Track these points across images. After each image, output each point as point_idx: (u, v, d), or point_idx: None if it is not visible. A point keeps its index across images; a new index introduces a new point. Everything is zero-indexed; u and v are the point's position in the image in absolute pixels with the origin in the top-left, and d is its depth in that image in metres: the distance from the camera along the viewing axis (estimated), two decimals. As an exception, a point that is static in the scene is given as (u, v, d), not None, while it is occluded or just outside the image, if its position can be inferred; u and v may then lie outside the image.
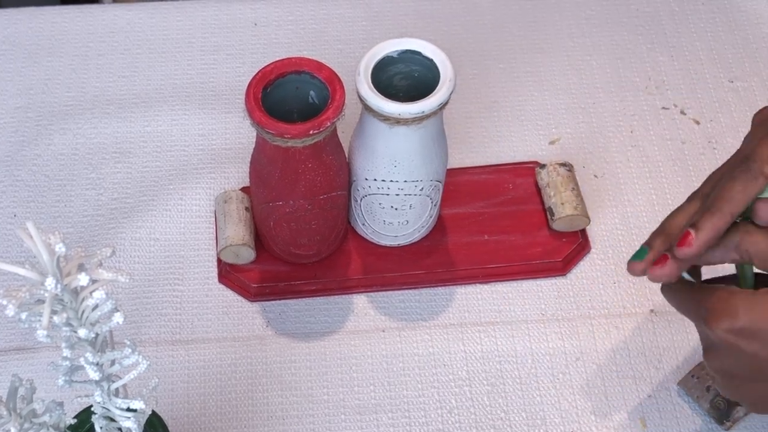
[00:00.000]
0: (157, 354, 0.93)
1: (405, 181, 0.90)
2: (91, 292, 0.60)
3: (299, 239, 0.94)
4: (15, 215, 1.01)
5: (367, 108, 0.85)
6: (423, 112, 0.83)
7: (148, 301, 0.96)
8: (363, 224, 0.97)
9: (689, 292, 0.77)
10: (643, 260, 0.78)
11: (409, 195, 0.92)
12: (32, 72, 1.12)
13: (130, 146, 1.06)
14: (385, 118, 0.84)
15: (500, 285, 0.97)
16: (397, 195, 0.91)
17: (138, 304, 0.96)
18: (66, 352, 0.63)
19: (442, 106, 0.84)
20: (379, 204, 0.93)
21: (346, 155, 0.92)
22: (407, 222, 0.95)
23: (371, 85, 0.84)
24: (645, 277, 0.97)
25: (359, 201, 0.94)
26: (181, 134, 1.07)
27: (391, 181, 0.90)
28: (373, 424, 0.90)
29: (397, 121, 0.84)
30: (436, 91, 0.84)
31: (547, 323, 0.95)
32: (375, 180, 0.90)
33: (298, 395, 0.91)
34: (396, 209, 0.93)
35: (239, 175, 1.03)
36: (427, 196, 0.93)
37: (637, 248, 0.79)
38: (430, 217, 0.96)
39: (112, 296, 0.61)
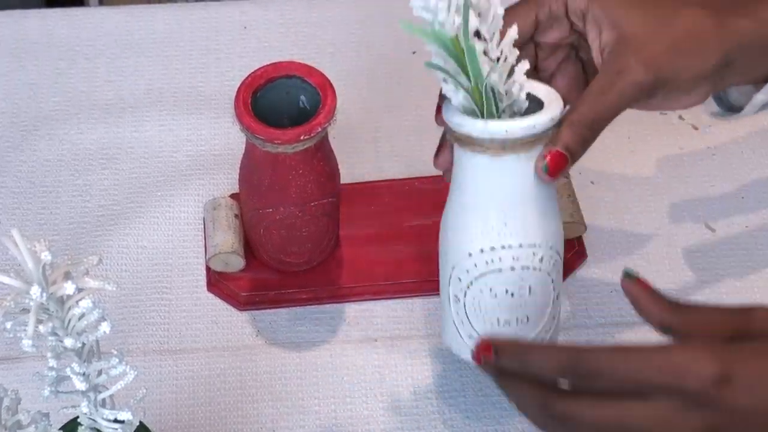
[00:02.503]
0: (144, 364, 0.93)
1: (520, 246, 0.76)
2: (77, 301, 0.60)
3: (290, 247, 0.94)
4: (0, 223, 1.02)
5: (461, 141, 0.74)
6: (534, 126, 0.73)
7: (136, 310, 0.96)
8: (469, 337, 0.80)
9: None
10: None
11: (528, 269, 0.77)
12: (17, 76, 1.12)
13: (117, 152, 1.06)
14: (488, 147, 0.73)
15: (495, 293, 0.98)
16: (513, 269, 0.76)
17: (125, 313, 0.96)
18: (52, 362, 0.63)
19: (555, 122, 0.75)
20: (490, 291, 0.77)
21: (440, 238, 0.81)
22: (527, 318, 0.79)
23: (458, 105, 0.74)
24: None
25: (462, 299, 0.79)
26: (169, 140, 1.07)
27: (503, 247, 0.76)
28: (365, 436, 0.90)
29: (503, 146, 0.73)
30: (547, 105, 0.75)
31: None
32: (482, 251, 0.76)
33: (288, 406, 0.91)
34: (513, 296, 0.77)
35: (228, 182, 1.03)
36: (548, 273, 0.78)
37: (635, 259, 0.79)
38: (555, 316, 0.81)
39: (99, 305, 0.61)
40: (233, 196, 0.99)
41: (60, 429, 0.74)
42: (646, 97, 0.77)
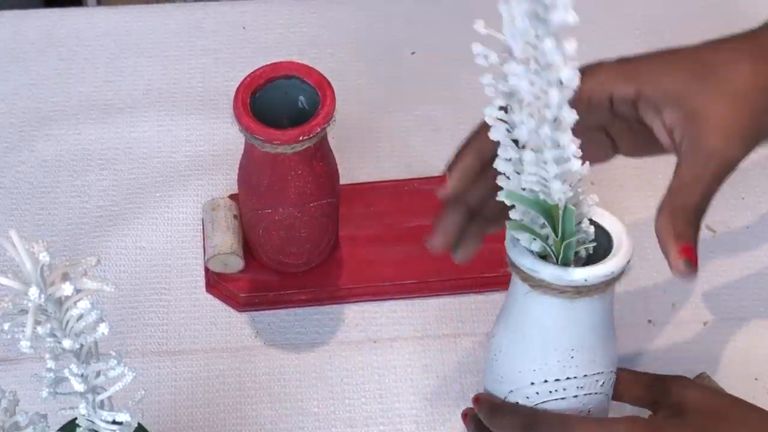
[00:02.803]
0: (143, 365, 0.93)
1: (585, 376, 0.75)
2: (75, 302, 0.61)
3: (289, 248, 0.94)
4: (-3, 223, 1.02)
5: (537, 285, 0.72)
6: (613, 273, 0.71)
7: (134, 311, 0.96)
8: None
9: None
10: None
11: (590, 395, 0.76)
12: (15, 76, 1.12)
13: (116, 153, 1.06)
14: (562, 291, 0.71)
15: (495, 294, 0.97)
16: (576, 397, 0.76)
17: (124, 314, 0.96)
18: (50, 364, 0.63)
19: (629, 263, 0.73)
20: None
21: (492, 355, 0.80)
22: None
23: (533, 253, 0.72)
24: (642, 289, 0.98)
25: None
26: (168, 140, 1.07)
27: (567, 378, 0.75)
28: (364, 437, 0.90)
29: (579, 291, 0.71)
30: (616, 248, 0.72)
31: (543, 334, 0.95)
32: (546, 382, 0.75)
33: (287, 408, 0.92)
34: None
35: (227, 182, 1.03)
36: (606, 394, 0.78)
37: (634, 260, 0.78)
38: None
39: (97, 306, 0.61)
40: (232, 196, 0.99)
41: (58, 430, 0.74)
42: (741, 162, 0.75)
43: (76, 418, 0.70)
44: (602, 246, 0.73)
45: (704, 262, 0.99)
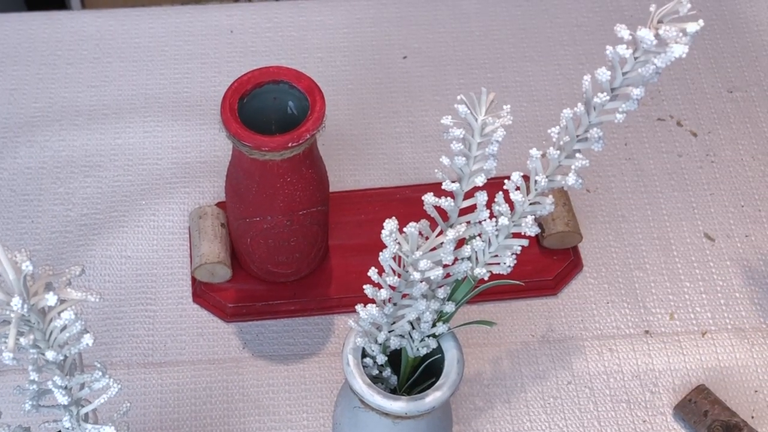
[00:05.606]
0: (128, 377, 0.93)
1: None
2: (59, 313, 0.61)
3: (277, 257, 0.94)
4: (-21, 232, 1.02)
5: (366, 405, 0.79)
6: (434, 407, 0.77)
7: (119, 321, 0.96)
8: None
9: None
10: None
11: None
12: (-3, 81, 1.12)
13: (101, 159, 1.06)
14: (387, 414, 0.78)
15: (489, 305, 0.98)
16: None
17: (109, 325, 0.96)
18: (33, 376, 0.63)
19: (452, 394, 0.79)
20: None
21: (334, 421, 0.88)
22: None
23: (365, 377, 0.78)
24: (640, 299, 0.98)
25: None
26: (154, 147, 1.07)
27: None
28: (355, 451, 0.90)
29: (401, 417, 0.78)
30: (444, 376, 0.78)
31: (538, 345, 0.96)
32: None
33: (276, 420, 0.92)
34: None
35: (215, 190, 1.03)
36: None
37: (632, 269, 0.78)
38: None
39: (82, 317, 0.62)
40: (220, 204, 1.00)
41: (41, 444, 0.74)
42: None
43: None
44: (440, 363, 0.80)
45: (703, 272, 1.00)
